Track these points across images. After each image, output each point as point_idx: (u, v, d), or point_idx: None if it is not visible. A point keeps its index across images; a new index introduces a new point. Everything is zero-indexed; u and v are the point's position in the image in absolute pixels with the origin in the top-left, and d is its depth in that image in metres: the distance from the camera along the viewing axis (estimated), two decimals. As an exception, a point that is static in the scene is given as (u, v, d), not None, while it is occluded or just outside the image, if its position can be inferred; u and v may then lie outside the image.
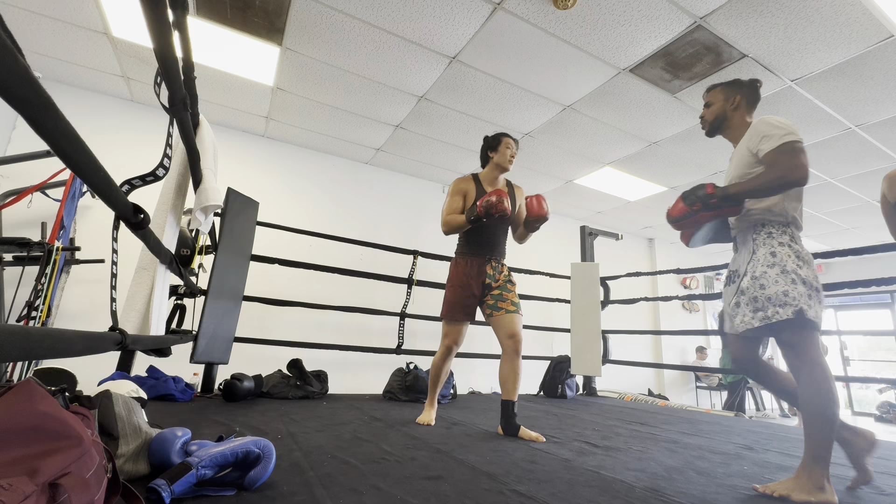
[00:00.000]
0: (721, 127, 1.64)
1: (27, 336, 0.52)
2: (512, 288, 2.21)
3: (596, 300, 3.94)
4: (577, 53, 3.00)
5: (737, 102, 1.60)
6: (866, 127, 3.66)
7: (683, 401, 6.63)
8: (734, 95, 1.61)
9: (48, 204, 3.16)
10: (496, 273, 2.22)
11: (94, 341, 0.77)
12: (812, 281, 1.34)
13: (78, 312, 3.33)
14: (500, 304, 2.15)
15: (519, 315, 2.15)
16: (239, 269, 2.94)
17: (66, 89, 3.69)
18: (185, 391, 2.52)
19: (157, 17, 0.86)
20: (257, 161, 4.47)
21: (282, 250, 3.61)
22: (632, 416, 2.90)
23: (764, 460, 1.77)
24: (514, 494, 1.17)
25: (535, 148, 4.42)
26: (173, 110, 1.21)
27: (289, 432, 1.76)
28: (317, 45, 3.07)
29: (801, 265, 1.36)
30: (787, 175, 1.37)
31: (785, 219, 1.44)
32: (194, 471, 1.00)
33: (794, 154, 1.37)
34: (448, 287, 2.25)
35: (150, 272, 1.46)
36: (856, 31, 2.65)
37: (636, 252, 7.23)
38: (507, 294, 2.18)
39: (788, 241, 1.41)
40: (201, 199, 1.64)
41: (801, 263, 1.37)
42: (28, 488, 0.57)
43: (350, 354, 3.96)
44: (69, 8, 2.82)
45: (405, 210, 5.26)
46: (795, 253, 1.39)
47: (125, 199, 0.91)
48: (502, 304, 2.15)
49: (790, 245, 1.40)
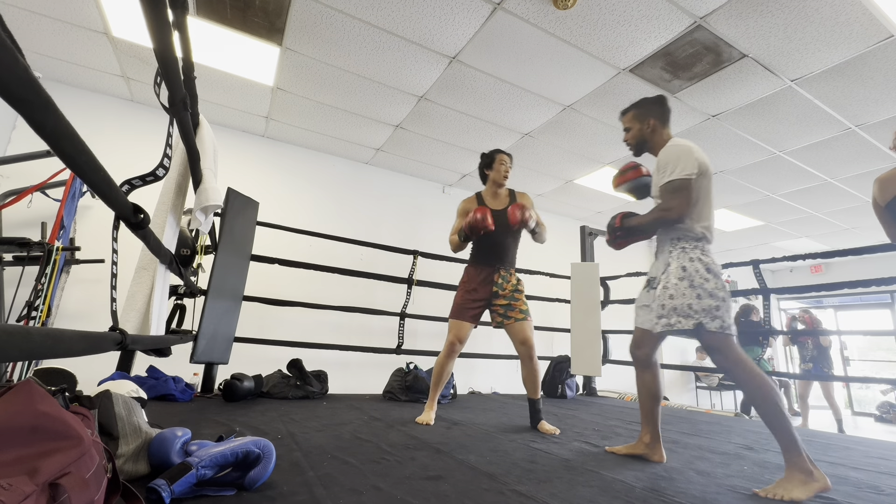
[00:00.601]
0: (643, 148, 1.78)
1: (27, 336, 0.52)
2: (520, 297, 2.33)
3: (596, 300, 3.94)
4: (577, 53, 3.00)
5: (651, 125, 1.73)
6: (866, 127, 3.66)
7: (683, 401, 6.63)
8: (647, 119, 1.73)
9: (48, 204, 3.16)
10: (504, 282, 2.34)
11: (94, 341, 0.77)
12: (717, 292, 1.47)
13: (78, 312, 3.33)
14: (510, 314, 2.30)
15: (528, 321, 2.29)
16: (239, 269, 2.94)
17: (66, 89, 3.69)
18: (185, 391, 2.52)
19: (157, 18, 0.86)
20: (257, 161, 4.47)
21: (282, 250, 3.61)
22: (632, 416, 2.90)
23: (764, 460, 1.77)
24: (514, 494, 1.17)
25: (535, 148, 4.42)
26: (173, 110, 1.21)
27: (289, 432, 1.76)
28: (317, 45, 3.07)
29: (708, 278, 1.49)
30: (663, 216, 1.57)
31: (696, 235, 1.56)
32: (194, 471, 1.00)
33: (672, 194, 1.54)
34: (458, 290, 2.43)
35: (150, 272, 1.46)
36: (856, 31, 2.65)
37: (636, 252, 7.22)
38: (515, 303, 2.31)
39: (699, 256, 1.53)
40: (201, 200, 1.64)
41: (708, 276, 1.50)
42: (28, 488, 0.57)
43: (350, 354, 3.96)
44: (69, 8, 2.82)
45: (405, 210, 5.26)
46: (706, 266, 1.51)
47: (125, 199, 0.91)
48: (512, 313, 2.30)
49: (700, 259, 1.52)
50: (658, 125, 1.72)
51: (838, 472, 1.63)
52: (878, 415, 7.04)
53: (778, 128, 3.77)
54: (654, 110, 1.73)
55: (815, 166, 4.42)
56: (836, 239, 6.73)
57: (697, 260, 1.52)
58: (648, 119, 1.73)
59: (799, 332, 5.23)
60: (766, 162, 4.39)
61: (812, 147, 4.04)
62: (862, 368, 8.32)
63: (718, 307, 1.45)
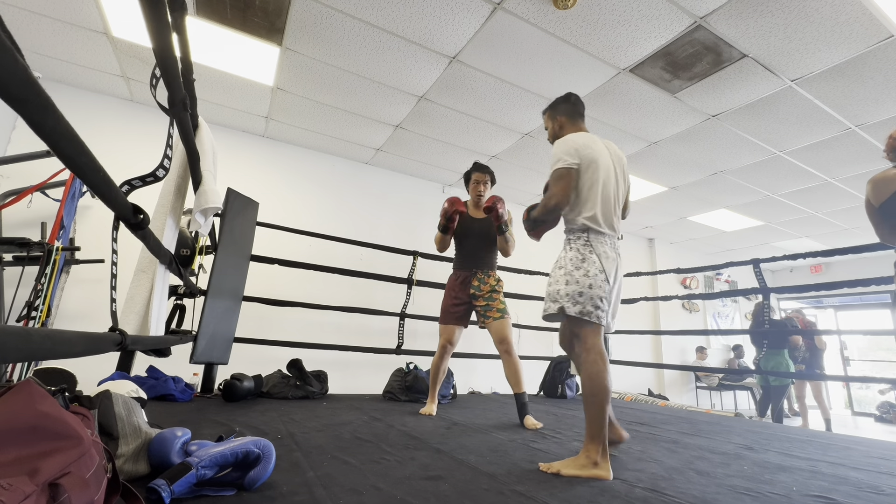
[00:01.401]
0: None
1: (27, 336, 0.52)
2: (497, 296, 2.50)
3: (596, 300, 3.93)
4: (577, 53, 3.00)
5: (560, 122, 1.81)
6: (866, 127, 3.66)
7: (683, 401, 6.63)
8: (556, 117, 1.82)
9: (48, 204, 3.16)
10: (481, 284, 2.53)
11: (94, 342, 0.77)
12: (584, 279, 1.54)
13: (78, 312, 3.33)
14: (489, 314, 2.47)
15: (505, 319, 2.45)
16: (239, 269, 2.94)
17: (66, 89, 3.69)
18: (185, 391, 2.52)
19: (157, 19, 0.86)
20: (257, 161, 4.47)
21: (282, 250, 3.61)
22: (632, 416, 2.90)
23: (764, 460, 1.77)
24: (514, 494, 1.17)
25: (535, 148, 4.42)
26: (173, 111, 1.21)
27: (289, 432, 1.76)
28: (317, 45, 3.07)
29: (580, 266, 1.56)
30: (547, 203, 1.64)
31: (579, 226, 1.62)
32: (194, 471, 1.00)
33: (553, 183, 1.62)
34: (444, 295, 2.65)
35: (148, 275, 1.46)
36: (856, 31, 2.65)
37: (636, 252, 7.23)
38: (492, 303, 2.48)
39: (580, 246, 1.60)
40: (200, 202, 1.64)
41: (581, 265, 1.56)
42: (28, 488, 0.57)
43: (350, 354, 3.96)
44: (69, 8, 2.82)
45: (405, 210, 5.26)
46: (581, 256, 1.58)
47: (125, 199, 0.91)
48: (490, 312, 2.47)
49: (579, 249, 1.59)
50: (566, 122, 1.80)
51: (838, 472, 1.62)
52: (878, 415, 7.04)
53: (778, 128, 3.77)
54: (561, 108, 1.81)
55: (815, 166, 4.42)
56: (836, 239, 6.73)
57: (576, 249, 1.59)
58: (557, 117, 1.82)
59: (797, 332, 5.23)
60: (766, 162, 4.39)
61: (812, 147, 4.04)
62: (862, 368, 8.32)
63: (581, 293, 1.52)
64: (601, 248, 1.58)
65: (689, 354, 7.22)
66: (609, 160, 1.67)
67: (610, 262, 1.57)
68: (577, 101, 1.81)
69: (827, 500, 1.27)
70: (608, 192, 1.63)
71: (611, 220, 1.64)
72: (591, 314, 1.51)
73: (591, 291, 1.52)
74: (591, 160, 1.61)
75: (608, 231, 1.62)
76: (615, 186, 1.67)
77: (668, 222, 6.51)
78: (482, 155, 4.65)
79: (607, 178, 1.63)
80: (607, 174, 1.64)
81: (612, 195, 1.65)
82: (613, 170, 1.68)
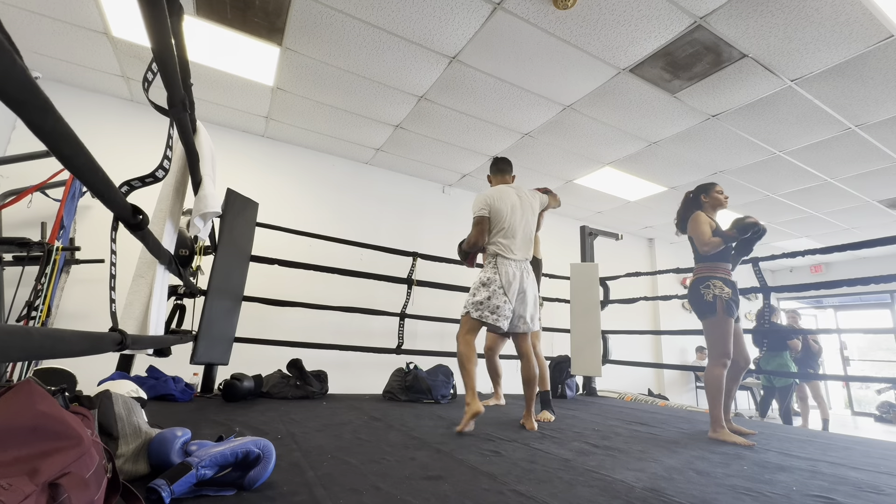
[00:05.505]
0: None
1: (27, 336, 0.52)
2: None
3: (596, 300, 3.94)
4: (577, 53, 3.00)
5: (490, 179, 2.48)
6: (866, 127, 3.66)
7: (683, 401, 6.63)
8: (488, 176, 2.50)
9: (48, 204, 3.16)
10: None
11: (94, 341, 0.77)
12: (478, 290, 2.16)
13: (78, 312, 3.33)
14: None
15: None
16: (239, 269, 2.94)
17: (66, 89, 3.69)
18: (185, 391, 2.52)
19: (156, 19, 0.86)
20: (257, 161, 4.47)
21: (282, 251, 3.61)
22: (632, 416, 2.90)
23: (764, 460, 1.77)
24: (513, 494, 1.17)
25: (535, 148, 4.42)
26: (173, 111, 1.22)
27: (289, 432, 1.76)
28: (317, 45, 3.07)
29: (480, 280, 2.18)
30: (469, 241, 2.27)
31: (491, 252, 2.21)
32: (194, 471, 1.00)
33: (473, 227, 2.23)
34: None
35: (146, 280, 1.46)
36: (856, 31, 2.65)
37: (636, 252, 7.23)
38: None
39: (489, 268, 2.18)
40: (199, 206, 1.64)
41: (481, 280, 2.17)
42: (28, 488, 0.58)
43: (350, 354, 3.96)
44: (69, 8, 2.82)
45: (405, 210, 5.26)
46: (486, 275, 2.17)
47: (124, 200, 0.91)
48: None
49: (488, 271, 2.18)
50: (493, 178, 2.45)
51: (838, 472, 1.63)
52: (878, 415, 7.04)
53: (778, 128, 3.77)
54: (491, 169, 2.48)
55: (815, 166, 4.42)
56: (836, 239, 6.72)
57: (487, 271, 2.18)
58: (488, 175, 2.50)
59: (795, 331, 5.25)
60: (765, 162, 4.39)
61: (812, 147, 4.04)
62: (862, 368, 8.32)
63: (473, 294, 2.17)
64: (504, 269, 2.14)
65: (689, 354, 7.22)
66: (518, 204, 2.24)
67: (513, 281, 2.13)
68: (499, 161, 2.46)
69: (827, 500, 1.27)
70: (514, 228, 2.20)
71: (516, 248, 2.19)
72: (487, 318, 2.11)
73: (474, 298, 2.15)
74: (494, 206, 2.20)
75: (512, 256, 2.17)
76: (522, 223, 2.23)
77: (668, 222, 6.48)
78: (482, 155, 4.65)
79: (513, 219, 2.20)
80: (513, 215, 2.20)
81: (520, 230, 2.21)
82: (521, 211, 2.24)
